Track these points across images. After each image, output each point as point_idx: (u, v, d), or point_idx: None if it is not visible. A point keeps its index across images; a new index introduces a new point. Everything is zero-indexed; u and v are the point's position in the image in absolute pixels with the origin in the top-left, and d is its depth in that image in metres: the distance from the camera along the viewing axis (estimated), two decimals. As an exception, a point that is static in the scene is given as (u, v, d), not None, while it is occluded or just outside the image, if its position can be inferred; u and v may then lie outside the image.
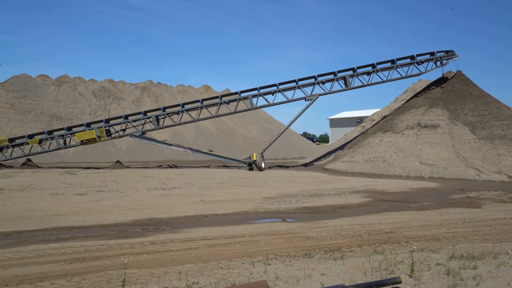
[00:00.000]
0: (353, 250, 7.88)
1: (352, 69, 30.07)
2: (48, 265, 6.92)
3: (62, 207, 12.83)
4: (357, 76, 30.04)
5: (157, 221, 10.92)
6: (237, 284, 5.73)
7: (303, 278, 6.01)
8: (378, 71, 30.05)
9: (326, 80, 30.02)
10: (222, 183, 20.09)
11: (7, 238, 9.09)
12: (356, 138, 32.42)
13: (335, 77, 29.93)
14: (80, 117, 44.63)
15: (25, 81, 47.73)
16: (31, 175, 23.65)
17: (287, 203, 14.11)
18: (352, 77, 29.93)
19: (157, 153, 40.56)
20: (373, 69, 30.06)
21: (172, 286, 5.77)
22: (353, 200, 14.88)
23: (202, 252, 7.79)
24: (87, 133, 28.46)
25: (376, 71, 30.04)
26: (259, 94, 29.77)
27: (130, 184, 19.26)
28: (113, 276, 6.31)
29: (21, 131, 39.21)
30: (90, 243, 8.52)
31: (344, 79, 29.84)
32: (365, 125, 35.94)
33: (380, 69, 30.07)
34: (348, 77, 29.78)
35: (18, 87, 46.49)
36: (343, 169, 26.93)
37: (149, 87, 53.79)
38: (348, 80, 29.75)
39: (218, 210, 12.63)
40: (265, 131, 52.91)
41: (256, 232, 9.63)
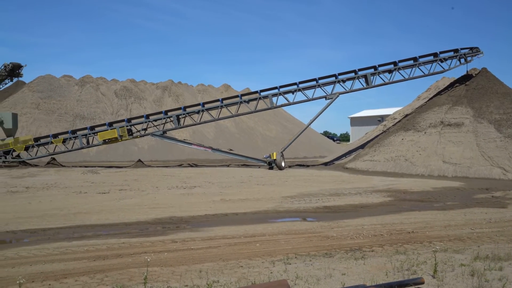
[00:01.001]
0: (374, 250, 7.79)
1: (374, 67, 29.71)
2: (72, 262, 7.04)
3: (85, 206, 13.06)
4: (378, 74, 29.67)
5: (178, 220, 11.01)
6: (257, 283, 5.73)
7: (324, 277, 5.97)
8: (400, 69, 29.62)
9: (347, 79, 29.74)
10: (242, 182, 20.13)
11: (33, 235, 9.30)
12: (378, 137, 32.05)
13: (356, 75, 29.62)
14: (102, 116, 45.34)
15: (49, 81, 48.76)
16: (55, 173, 24.14)
17: (307, 202, 14.04)
18: (374, 75, 29.58)
19: (177, 152, 40.91)
20: (395, 67, 29.63)
21: (193, 284, 5.80)
22: (374, 199, 14.72)
23: (222, 251, 7.82)
24: (109, 133, 28.89)
25: (398, 69, 29.61)
26: (279, 93, 29.70)
27: (151, 183, 19.46)
28: (135, 273, 6.39)
29: (46, 130, 40.06)
30: (113, 241, 8.64)
31: (365, 77, 29.52)
32: (387, 123, 35.48)
33: (402, 67, 29.63)
34: (370, 75, 29.45)
35: (43, 87, 47.52)
36: (364, 168, 26.66)
37: (170, 86, 54.28)
38: (369, 78, 29.42)
39: (238, 209, 12.66)
40: (285, 130, 52.79)
41: (276, 231, 9.61)
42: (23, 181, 19.97)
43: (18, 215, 11.35)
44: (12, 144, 29.61)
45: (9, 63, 48.91)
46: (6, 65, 48.87)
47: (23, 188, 17.10)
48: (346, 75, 29.87)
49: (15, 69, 49.74)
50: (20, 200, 14.04)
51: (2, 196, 15.06)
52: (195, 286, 5.71)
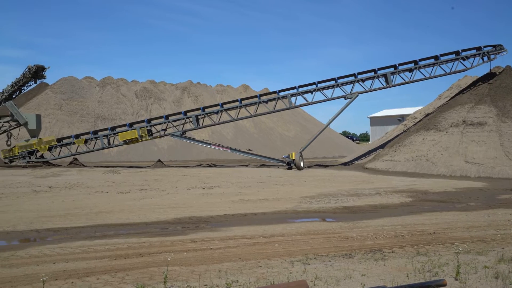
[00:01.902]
0: (394, 251, 7.70)
1: (394, 66, 29.36)
2: (94, 261, 7.15)
3: (106, 205, 13.25)
4: (398, 73, 29.31)
5: (197, 220, 11.07)
6: (276, 283, 5.72)
7: (343, 278, 5.92)
8: (420, 67, 29.20)
9: (366, 78, 29.47)
10: (261, 182, 20.13)
11: (56, 234, 9.48)
12: (398, 136, 31.66)
13: (375, 74, 29.33)
14: (123, 117, 45.97)
15: (72, 83, 49.67)
16: (77, 173, 24.57)
17: (327, 202, 13.96)
18: (394, 74, 29.23)
19: (196, 152, 41.19)
20: (416, 65, 29.22)
21: (212, 283, 5.83)
22: (395, 200, 14.54)
23: (241, 251, 7.83)
24: (130, 133, 29.26)
25: (418, 68, 29.20)
26: (298, 93, 29.61)
27: (171, 182, 19.63)
28: (155, 272, 6.45)
29: (68, 131, 40.83)
30: (133, 240, 8.75)
31: (385, 76, 29.20)
32: (407, 123, 35.01)
33: (423, 66, 29.20)
34: (389, 74, 29.11)
35: (65, 89, 48.44)
36: (384, 168, 26.37)
37: (189, 87, 54.67)
38: (389, 77, 29.08)
39: (257, 209, 12.66)
40: (304, 130, 52.61)
41: (295, 231, 9.59)
42: (46, 180, 20.38)
43: (42, 214, 11.59)
44: (36, 144, 30.27)
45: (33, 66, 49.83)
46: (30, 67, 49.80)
47: (46, 188, 17.45)
48: (365, 75, 29.60)
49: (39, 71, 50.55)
50: (44, 200, 14.33)
51: (26, 195, 15.40)
52: (214, 286, 5.74)
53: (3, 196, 15.10)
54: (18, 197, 14.83)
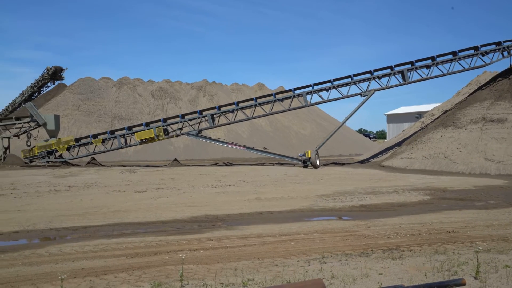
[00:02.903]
0: (412, 250, 7.60)
1: (411, 62, 29.02)
2: (112, 259, 7.23)
3: (123, 204, 13.39)
4: (415, 69, 28.95)
5: (213, 218, 11.11)
6: (292, 282, 5.70)
7: (360, 277, 5.88)
8: (438, 64, 28.79)
9: (382, 75, 29.17)
10: (276, 180, 20.11)
11: (75, 232, 9.62)
12: (415, 134, 31.28)
13: (392, 71, 29.02)
14: (139, 117, 46.43)
15: (89, 83, 50.38)
16: (95, 173, 24.89)
17: (343, 200, 13.87)
18: (410, 70, 28.89)
19: (212, 151, 41.37)
20: (433, 62, 28.83)
21: (228, 282, 5.84)
22: (412, 198, 14.37)
23: (257, 249, 7.83)
24: (146, 133, 29.52)
25: (436, 64, 28.79)
26: (313, 91, 29.49)
27: (187, 181, 19.75)
28: (171, 271, 6.49)
29: (86, 131, 41.42)
30: (150, 238, 8.82)
31: (401, 73, 28.86)
32: (425, 120, 34.56)
33: (441, 62, 28.78)
34: (406, 71, 28.77)
35: (83, 89, 49.14)
36: (401, 166, 26.09)
37: (205, 86, 54.91)
38: (406, 74, 28.74)
39: (273, 207, 12.65)
40: (320, 128, 52.39)
41: (311, 229, 9.55)
42: (65, 180, 20.70)
43: (61, 213, 11.77)
44: (55, 144, 30.76)
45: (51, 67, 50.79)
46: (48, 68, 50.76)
47: (65, 187, 17.72)
48: (381, 71, 29.30)
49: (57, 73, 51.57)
50: (63, 199, 14.56)
51: (46, 194, 15.67)
52: (230, 284, 5.75)
53: (24, 195, 15.39)
54: (38, 196, 15.10)
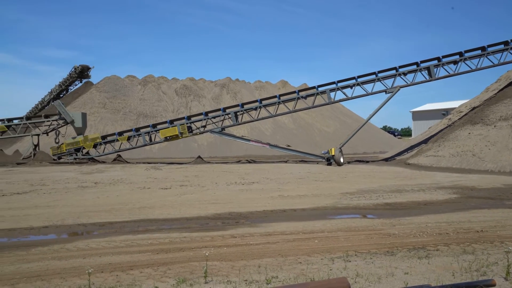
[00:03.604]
0: (439, 249, 7.46)
1: (437, 58, 28.43)
2: (137, 255, 7.34)
3: (148, 200, 13.58)
4: (442, 65, 28.34)
5: (237, 215, 11.15)
6: (316, 280, 5.68)
7: (385, 276, 5.80)
8: (466, 59, 28.12)
9: (408, 71, 28.68)
10: (300, 178, 20.03)
11: (102, 228, 9.82)
12: (442, 131, 30.64)
13: (418, 67, 28.49)
14: (164, 114, 46.95)
15: (115, 82, 51.23)
16: (121, 170, 25.31)
17: (367, 198, 13.71)
18: (437, 67, 28.30)
19: (236, 148, 41.51)
20: (461, 57, 28.17)
21: (252, 279, 5.85)
22: (439, 196, 14.09)
23: (280, 247, 7.82)
24: (170, 130, 29.84)
25: (464, 60, 28.13)
26: (337, 88, 29.23)
27: (211, 178, 19.87)
28: (195, 267, 6.55)
29: (112, 129, 42.14)
30: (174, 235, 8.92)
31: (428, 69, 28.31)
32: (452, 117, 33.82)
33: (469, 57, 28.10)
34: (433, 67, 28.20)
35: (109, 87, 50.01)
36: (427, 164, 25.62)
37: (228, 84, 55.10)
38: (433, 70, 28.17)
39: (296, 205, 12.61)
40: (344, 125, 51.92)
41: (335, 227, 9.48)
42: (92, 176, 21.12)
43: (88, 209, 12.03)
44: (82, 142, 31.43)
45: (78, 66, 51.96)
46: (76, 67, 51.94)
47: (92, 184, 18.09)
48: (407, 68, 28.82)
49: (84, 71, 52.75)
50: (90, 195, 14.87)
51: (73, 190, 16.03)
52: (254, 281, 5.76)
53: (53, 191, 15.78)
54: (66, 193, 15.45)
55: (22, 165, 29.15)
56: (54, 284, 5.82)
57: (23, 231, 9.55)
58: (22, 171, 24.99)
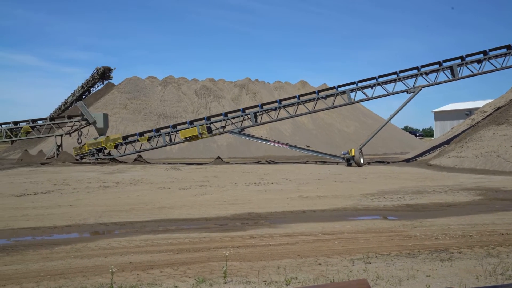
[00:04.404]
0: (462, 252, 7.31)
1: (460, 57, 27.90)
2: (157, 254, 7.42)
3: (168, 200, 13.70)
4: (465, 65, 27.81)
5: (256, 216, 11.16)
6: (336, 281, 5.63)
7: (407, 278, 5.72)
8: (491, 58, 27.52)
9: (430, 71, 28.23)
10: (319, 179, 19.92)
11: (122, 227, 9.94)
12: (465, 131, 30.06)
13: (440, 67, 28.02)
14: (183, 115, 47.28)
15: (135, 83, 51.85)
16: (141, 170, 25.60)
17: (388, 200, 13.55)
18: (460, 66, 27.77)
19: (255, 149, 41.52)
20: (485, 56, 27.58)
21: (271, 280, 5.84)
22: (462, 198, 13.82)
23: (300, 248, 7.79)
24: (190, 131, 30.04)
25: (488, 59, 27.53)
26: (357, 88, 28.96)
27: (230, 179, 19.92)
28: (215, 267, 6.57)
29: (132, 129, 42.64)
30: (194, 235, 8.97)
31: (450, 68, 27.81)
32: (476, 117, 33.14)
33: (493, 56, 27.48)
34: (456, 66, 27.69)
35: (130, 88, 50.64)
36: (450, 164, 25.16)
37: (247, 84, 55.18)
38: (456, 69, 27.66)
39: (316, 206, 12.54)
40: (364, 125, 51.41)
41: (355, 229, 9.39)
42: (113, 176, 21.42)
43: (109, 209, 12.20)
44: (103, 142, 31.91)
45: (100, 67, 52.82)
46: (98, 69, 52.82)
47: (113, 183, 18.34)
48: (429, 67, 28.37)
49: (106, 73, 53.60)
50: (111, 195, 15.08)
51: (95, 190, 16.28)
52: (273, 282, 5.75)
53: (75, 191, 16.07)
54: (88, 192, 15.71)
55: (46, 165, 29.76)
56: (77, 282, 5.92)
57: (47, 229, 9.74)
58: (46, 171, 25.52)
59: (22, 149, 39.22)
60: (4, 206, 12.73)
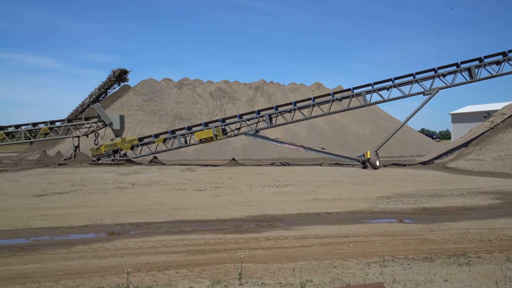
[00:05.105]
0: (481, 256, 7.19)
1: (479, 59, 27.51)
2: (173, 255, 7.45)
3: (183, 202, 13.76)
4: (484, 66, 27.41)
5: (271, 218, 11.14)
6: (352, 284, 5.59)
7: (424, 283, 5.64)
8: (510, 59, 27.06)
9: (447, 73, 27.89)
10: (334, 181, 19.81)
11: (138, 228, 10.03)
12: (483, 134, 29.61)
13: (458, 68, 27.67)
14: (198, 117, 47.50)
15: (151, 85, 52.29)
16: (157, 171, 25.79)
17: (404, 203, 13.40)
18: (479, 67, 27.38)
19: (269, 151, 41.49)
20: (504, 57, 27.15)
21: (287, 282, 5.82)
22: (480, 201, 13.60)
23: (315, 250, 7.75)
24: (205, 132, 30.18)
25: (508, 60, 27.12)
26: (373, 90, 28.77)
27: (245, 181, 19.94)
28: (230, 269, 6.58)
29: (148, 131, 43.00)
30: (209, 236, 9.00)
31: (468, 70, 27.45)
32: (494, 119, 32.59)
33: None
34: (474, 68, 27.31)
35: (145, 90, 51.10)
36: (467, 167, 24.79)
37: (262, 86, 55.20)
38: (474, 71, 27.28)
39: (331, 208, 12.48)
40: (380, 128, 50.99)
41: (371, 232, 9.31)
42: (129, 177, 21.62)
43: (126, 209, 12.32)
44: (120, 143, 32.25)
45: (117, 69, 53.45)
46: (114, 71, 53.46)
47: (129, 185, 18.51)
48: (446, 69, 28.05)
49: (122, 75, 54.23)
50: (127, 196, 15.22)
51: (112, 191, 16.46)
52: (288, 284, 5.73)
53: (92, 191, 16.26)
54: (105, 193, 15.88)
55: (64, 166, 30.20)
56: (94, 282, 5.99)
57: (64, 229, 9.88)
58: (63, 171, 25.88)
59: (41, 150, 39.91)
60: (23, 206, 12.95)
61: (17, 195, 15.38)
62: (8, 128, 35.45)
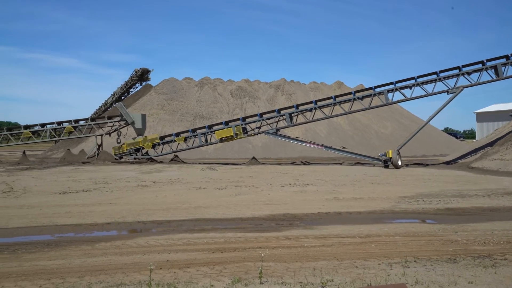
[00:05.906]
0: (507, 259, 7.02)
1: (506, 56, 26.81)
2: (194, 253, 7.51)
3: (204, 200, 13.85)
4: (511, 64, 26.70)
5: (291, 217, 11.12)
6: (374, 284, 5.53)
7: (447, 284, 5.55)
8: (537, 56, 26.30)
9: (472, 71, 27.27)
10: (355, 180, 19.63)
11: (160, 226, 10.14)
12: (510, 133, 28.88)
13: (483, 66, 27.02)
14: (219, 116, 47.69)
15: (173, 84, 52.75)
16: (178, 170, 26.01)
17: (427, 203, 13.19)
18: (505, 65, 26.68)
19: (290, 150, 41.36)
20: (532, 54, 26.39)
21: (307, 281, 5.80)
22: (506, 202, 13.28)
23: (336, 250, 7.70)
24: (226, 131, 30.26)
25: (535, 57, 26.32)
26: (395, 88, 28.35)
27: (265, 179, 19.93)
28: (250, 267, 6.59)
29: (169, 129, 43.38)
30: (229, 234, 9.03)
31: (495, 68, 26.77)
32: (521, 118, 31.79)
33: (541, 54, 26.25)
34: (500, 65, 26.63)
35: (167, 90, 51.57)
36: (493, 167, 24.24)
37: (283, 85, 55.07)
38: (500, 69, 26.61)
39: (352, 208, 12.37)
40: (402, 127, 50.28)
41: (392, 232, 9.19)
42: (150, 176, 21.87)
43: (147, 207, 12.47)
44: (141, 142, 32.63)
45: (139, 69, 54.15)
46: (136, 70, 54.17)
47: (151, 183, 18.72)
48: (471, 67, 27.41)
49: (144, 74, 54.91)
50: (149, 194, 15.40)
51: (134, 189, 16.68)
52: (309, 284, 5.71)
53: (115, 189, 16.51)
54: (127, 191, 16.11)
55: (87, 164, 30.73)
56: (116, 278, 6.08)
57: (88, 226, 10.06)
58: (87, 169, 26.35)
59: (65, 148, 40.71)
60: (49, 203, 13.25)
61: (42, 192, 15.74)
62: (34, 127, 36.30)
